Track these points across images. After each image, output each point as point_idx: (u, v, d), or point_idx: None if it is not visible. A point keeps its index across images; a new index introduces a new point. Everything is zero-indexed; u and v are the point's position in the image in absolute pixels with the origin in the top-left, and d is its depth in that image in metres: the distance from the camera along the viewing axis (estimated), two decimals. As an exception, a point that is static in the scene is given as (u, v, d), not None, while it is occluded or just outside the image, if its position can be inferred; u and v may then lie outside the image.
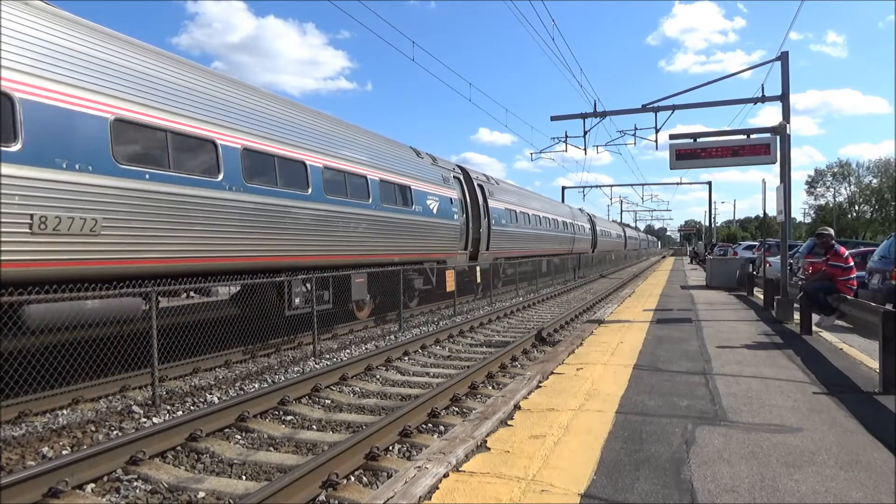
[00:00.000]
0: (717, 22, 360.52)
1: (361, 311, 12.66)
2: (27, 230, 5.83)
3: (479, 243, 18.16)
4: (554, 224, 28.73)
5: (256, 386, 7.46)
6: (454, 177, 17.25)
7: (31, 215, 5.85)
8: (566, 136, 18.00)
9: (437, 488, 3.30)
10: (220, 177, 8.29)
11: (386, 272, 12.18)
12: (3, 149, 5.66)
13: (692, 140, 10.87)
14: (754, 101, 12.36)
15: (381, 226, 12.46)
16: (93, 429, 5.69)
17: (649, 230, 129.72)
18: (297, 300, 9.50)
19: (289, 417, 6.13)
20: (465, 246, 17.12)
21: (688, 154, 10.73)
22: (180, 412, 6.28)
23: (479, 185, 18.89)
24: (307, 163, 10.24)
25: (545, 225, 26.81)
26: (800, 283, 11.14)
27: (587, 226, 38.31)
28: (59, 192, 6.12)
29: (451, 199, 16.21)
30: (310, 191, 10.16)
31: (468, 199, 17.63)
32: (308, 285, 9.77)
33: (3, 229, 5.63)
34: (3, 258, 5.62)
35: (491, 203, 19.32)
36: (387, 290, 12.44)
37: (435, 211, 15.06)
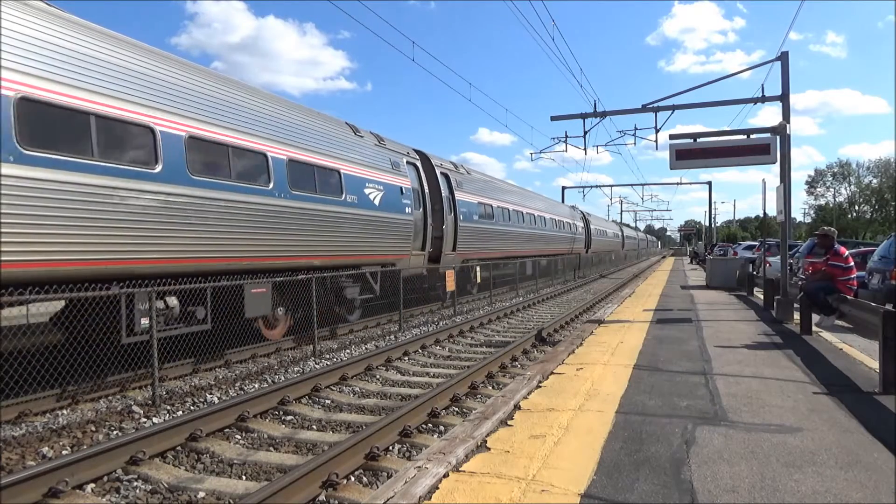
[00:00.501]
0: (717, 22, 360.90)
1: (273, 329, 9.99)
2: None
3: (442, 242, 15.65)
4: (541, 222, 26.32)
5: (256, 386, 7.46)
6: (408, 162, 14.35)
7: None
8: (566, 136, 18.01)
9: (437, 488, 3.30)
10: None
11: (300, 280, 9.45)
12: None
13: (692, 140, 10.87)
14: (754, 101, 12.36)
15: (289, 219, 9.53)
16: (93, 429, 5.69)
17: (649, 230, 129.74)
18: (143, 321, 6.70)
19: (289, 417, 6.13)
20: (422, 245, 14.45)
21: (688, 154, 10.73)
22: (180, 412, 6.28)
23: (443, 173, 16.28)
24: (157, 129, 7.32)
25: (530, 223, 24.37)
26: (800, 283, 11.14)
27: (580, 224, 36.13)
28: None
29: (401, 188, 13.33)
30: (159, 168, 7.28)
31: (427, 190, 14.88)
32: (167, 300, 7.41)
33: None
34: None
35: (459, 195, 16.77)
36: (308, 301, 9.57)
37: (377, 202, 12.25)
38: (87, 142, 6.54)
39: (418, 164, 14.96)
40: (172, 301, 7.57)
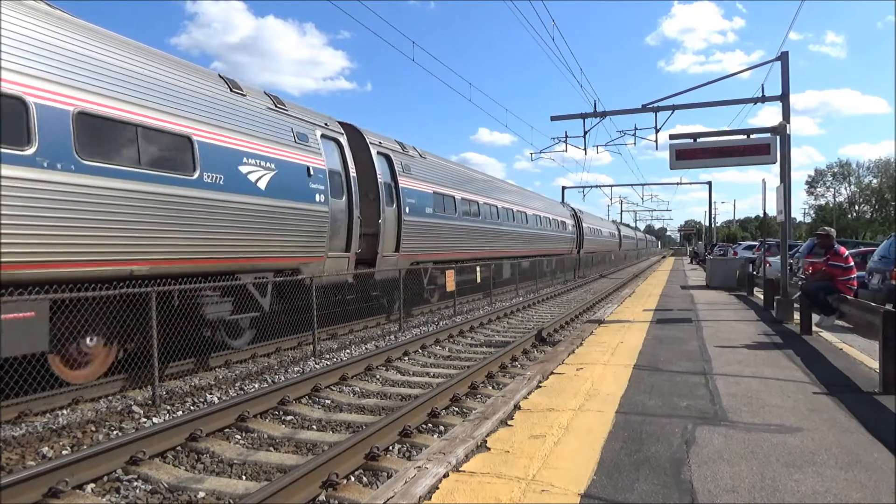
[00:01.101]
0: (716, 22, 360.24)
1: (78, 368, 6.79)
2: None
3: (377, 241, 12.61)
4: (521, 218, 23.25)
5: (256, 386, 7.46)
6: (325, 136, 11.00)
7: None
8: (566, 136, 18.00)
9: (437, 488, 3.30)
10: None
11: (122, 296, 6.58)
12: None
13: (692, 140, 10.87)
14: (754, 101, 12.36)
15: (75, 204, 6.29)
16: (93, 429, 5.69)
17: (649, 230, 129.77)
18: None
19: (289, 417, 6.13)
20: (345, 245, 11.27)
21: (688, 154, 10.73)
22: (180, 412, 6.28)
23: (382, 154, 13.21)
24: None
25: (506, 218, 21.36)
26: (800, 283, 11.14)
27: (570, 222, 33.03)
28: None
29: (308, 168, 10.08)
30: None
31: (353, 174, 11.60)
32: None
33: None
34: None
35: (406, 182, 13.77)
36: (137, 326, 7.00)
37: (263, 186, 8.96)
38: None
39: (342, 139, 11.61)
40: None
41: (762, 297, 13.13)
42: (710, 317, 11.01)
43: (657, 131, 14.24)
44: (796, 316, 9.69)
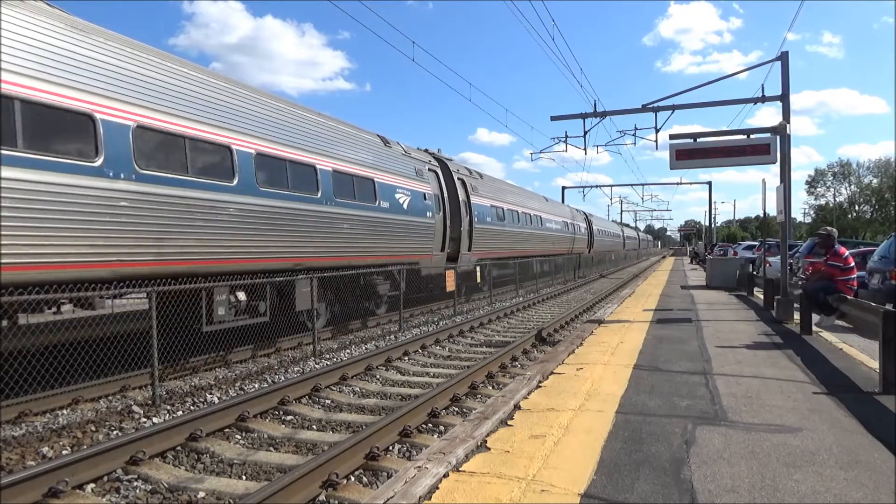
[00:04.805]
0: (713, 22, 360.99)
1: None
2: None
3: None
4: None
5: (256, 386, 7.46)
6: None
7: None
8: (566, 136, 18.03)
9: (437, 488, 3.30)
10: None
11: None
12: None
13: (692, 140, 10.86)
14: (754, 100, 12.37)
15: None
16: (93, 429, 5.69)
17: (649, 230, 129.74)
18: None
19: (289, 417, 6.13)
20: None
21: (688, 154, 10.72)
22: (180, 412, 6.28)
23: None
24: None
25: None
26: (800, 283, 11.14)
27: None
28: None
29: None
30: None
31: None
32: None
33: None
34: None
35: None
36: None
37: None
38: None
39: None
40: None
41: (762, 297, 13.13)
42: (710, 317, 11.00)
43: (657, 131, 14.26)
44: (796, 316, 9.69)
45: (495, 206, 19.87)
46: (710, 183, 43.49)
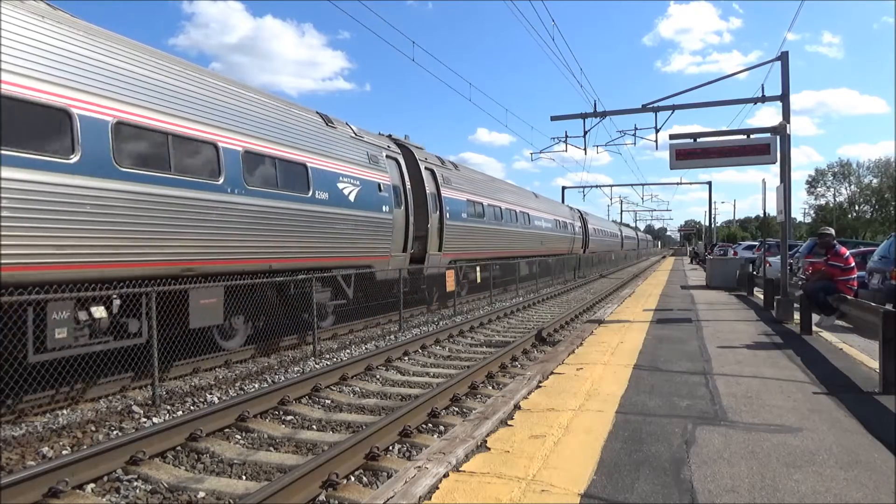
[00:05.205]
0: (713, 23, 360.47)
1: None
2: None
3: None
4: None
5: (256, 386, 7.46)
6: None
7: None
8: (566, 136, 17.98)
9: (437, 488, 3.30)
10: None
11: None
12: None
13: (692, 140, 10.87)
14: (755, 100, 12.35)
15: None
16: (93, 429, 5.69)
17: (649, 230, 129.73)
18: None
19: (289, 417, 6.13)
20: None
21: (688, 154, 10.73)
22: (180, 412, 6.28)
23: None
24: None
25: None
26: (800, 283, 11.14)
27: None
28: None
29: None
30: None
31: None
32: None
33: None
34: None
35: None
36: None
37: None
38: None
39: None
40: None
41: (762, 297, 13.13)
42: (710, 317, 11.00)
43: (657, 131, 14.23)
44: (796, 316, 9.69)
45: (473, 200, 17.97)
46: (710, 183, 43.52)
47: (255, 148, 8.98)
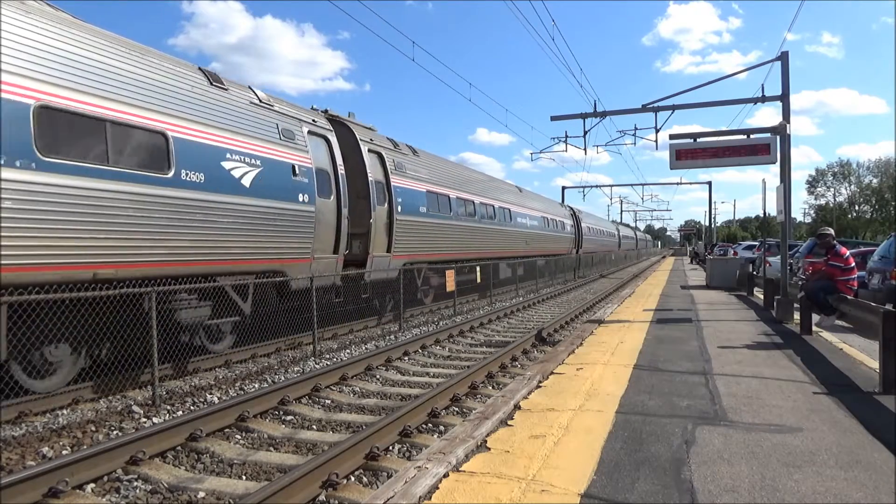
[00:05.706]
0: (713, 23, 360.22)
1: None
2: None
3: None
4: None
5: (256, 386, 7.46)
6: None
7: None
8: (566, 136, 17.97)
9: (437, 488, 3.30)
10: None
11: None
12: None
13: (692, 140, 10.87)
14: (755, 100, 12.35)
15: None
16: (93, 429, 5.69)
17: (649, 230, 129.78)
18: None
19: (289, 417, 6.13)
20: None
21: (688, 154, 10.73)
22: (180, 412, 6.27)
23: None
24: None
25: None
26: (800, 283, 11.15)
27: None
28: None
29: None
30: None
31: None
32: None
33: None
34: None
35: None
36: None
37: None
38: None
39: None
40: None
41: (762, 297, 13.13)
42: (710, 317, 11.00)
43: (657, 131, 14.23)
44: (796, 316, 9.69)
45: (435, 192, 15.36)
46: (710, 183, 43.44)
47: (64, 102, 6.18)
